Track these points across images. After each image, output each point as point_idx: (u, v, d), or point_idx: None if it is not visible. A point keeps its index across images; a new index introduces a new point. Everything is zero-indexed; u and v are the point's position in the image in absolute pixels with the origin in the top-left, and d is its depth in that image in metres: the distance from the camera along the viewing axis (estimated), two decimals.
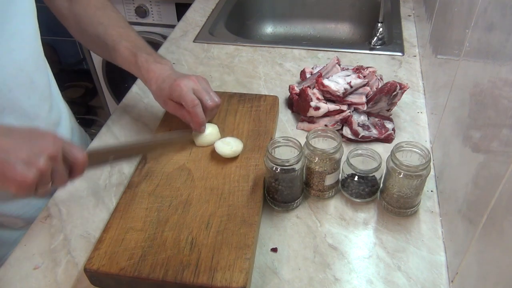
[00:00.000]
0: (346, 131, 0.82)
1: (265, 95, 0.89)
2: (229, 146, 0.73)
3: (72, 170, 0.57)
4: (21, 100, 0.71)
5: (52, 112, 0.80)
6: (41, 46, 0.77)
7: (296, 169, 0.64)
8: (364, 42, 1.20)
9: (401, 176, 0.63)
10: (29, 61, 0.72)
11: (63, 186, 0.57)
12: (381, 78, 0.88)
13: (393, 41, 1.14)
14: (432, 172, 0.75)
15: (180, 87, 0.71)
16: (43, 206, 0.74)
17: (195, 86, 0.72)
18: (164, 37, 1.55)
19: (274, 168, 0.64)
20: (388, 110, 0.85)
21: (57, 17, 0.82)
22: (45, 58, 0.79)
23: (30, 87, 0.72)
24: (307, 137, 0.68)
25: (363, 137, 0.80)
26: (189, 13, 1.34)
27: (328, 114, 0.83)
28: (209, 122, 0.79)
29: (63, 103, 0.90)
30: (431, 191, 0.72)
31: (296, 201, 0.70)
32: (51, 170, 0.53)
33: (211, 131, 0.77)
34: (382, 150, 0.79)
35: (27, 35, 0.71)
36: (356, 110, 0.84)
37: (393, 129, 0.83)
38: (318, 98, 0.83)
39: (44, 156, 0.51)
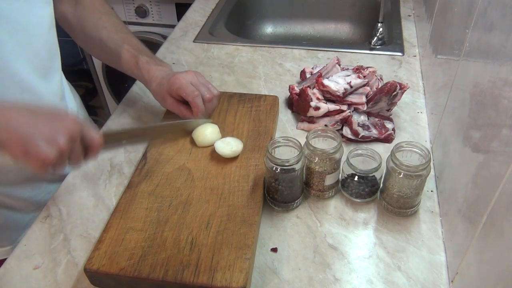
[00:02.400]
0: (346, 131, 0.82)
1: (265, 95, 0.89)
2: (229, 146, 0.73)
3: (87, 151, 0.59)
4: (37, 85, 0.73)
5: (63, 100, 0.83)
6: (56, 36, 0.79)
7: (296, 169, 0.64)
8: (364, 42, 1.20)
9: (401, 176, 0.63)
10: (45, 48, 0.75)
11: (77, 166, 0.59)
12: (381, 78, 0.88)
13: (393, 41, 1.14)
14: (432, 172, 0.75)
15: (179, 80, 0.74)
16: (54, 190, 0.76)
17: (193, 79, 0.75)
18: (164, 37, 1.55)
19: (274, 168, 0.64)
20: (388, 110, 0.85)
21: (59, 22, 0.84)
22: (58, 47, 0.81)
23: (45, 73, 0.75)
24: (307, 137, 0.68)
25: (363, 137, 0.80)
26: (189, 13, 1.34)
27: (328, 114, 0.83)
28: (209, 119, 0.80)
29: (72, 94, 0.92)
30: (431, 191, 0.72)
31: (296, 201, 0.70)
32: (69, 150, 0.55)
33: (211, 131, 0.77)
34: (382, 150, 0.79)
35: (45, 23, 0.73)
36: (356, 110, 0.84)
37: (393, 129, 0.83)
38: (318, 98, 0.83)
39: (65, 136, 0.54)
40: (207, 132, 0.76)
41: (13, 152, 0.53)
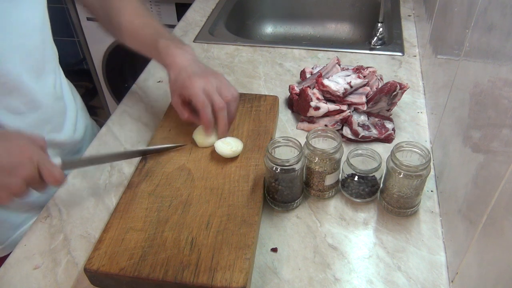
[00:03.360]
0: (346, 131, 0.82)
1: (265, 95, 0.89)
2: (229, 146, 0.73)
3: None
4: (29, 85, 0.73)
5: (60, 100, 0.83)
6: (51, 35, 0.79)
7: (296, 169, 0.64)
8: (364, 42, 1.20)
9: (401, 176, 0.63)
10: (38, 48, 0.74)
11: (43, 192, 0.61)
12: (381, 78, 0.88)
13: (393, 41, 1.14)
14: (432, 172, 0.75)
15: (192, 86, 0.70)
16: (49, 195, 0.75)
17: (207, 86, 0.71)
18: None
19: (274, 168, 0.64)
20: (388, 110, 0.85)
21: (88, 11, 0.86)
22: (54, 47, 0.81)
23: (38, 73, 0.75)
24: (307, 137, 0.68)
25: (363, 137, 0.80)
26: (189, 13, 1.34)
27: (328, 114, 0.83)
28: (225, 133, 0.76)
29: (72, 96, 0.91)
30: (431, 191, 0.72)
31: (296, 201, 0.70)
32: (29, 184, 0.57)
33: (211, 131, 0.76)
34: (382, 150, 0.79)
35: (35, 23, 0.73)
36: (356, 110, 0.84)
37: (393, 129, 0.83)
38: (318, 98, 0.83)
39: (18, 178, 0.56)
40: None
41: None
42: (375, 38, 1.12)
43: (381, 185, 0.70)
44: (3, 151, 0.56)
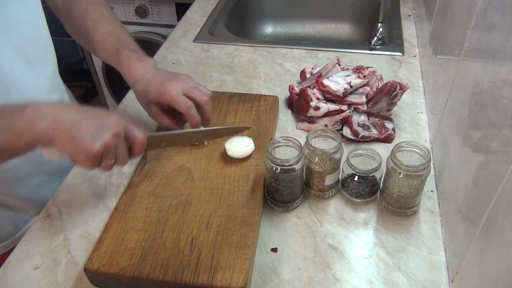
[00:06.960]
0: (346, 131, 0.82)
1: (265, 95, 0.89)
2: (242, 147, 0.72)
3: (131, 150, 0.62)
4: (22, 80, 0.73)
5: (52, 93, 0.82)
6: (46, 30, 0.79)
7: (296, 169, 0.64)
8: (364, 42, 1.20)
9: (401, 176, 0.63)
10: (28, 43, 0.74)
11: (123, 164, 0.62)
12: (381, 78, 0.88)
13: (393, 41, 1.14)
14: (432, 172, 0.75)
15: (169, 91, 0.70)
16: (53, 190, 0.76)
17: (184, 87, 0.71)
18: (164, 37, 1.55)
19: (274, 168, 0.64)
20: (388, 110, 0.85)
21: (51, 9, 0.84)
22: (51, 41, 0.81)
23: (29, 67, 0.74)
24: (307, 137, 0.68)
25: (363, 137, 0.80)
26: (189, 13, 1.34)
27: (328, 114, 0.83)
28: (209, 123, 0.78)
29: (63, 87, 0.91)
30: (431, 191, 0.72)
31: (296, 201, 0.70)
32: (115, 147, 0.58)
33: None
34: (382, 150, 0.79)
35: (26, 19, 0.73)
36: (356, 110, 0.84)
37: (393, 129, 0.83)
38: (318, 98, 0.83)
39: (109, 132, 0.57)
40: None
41: (62, 146, 0.55)
42: (375, 38, 1.12)
43: (381, 185, 0.70)
44: (93, 110, 0.59)
